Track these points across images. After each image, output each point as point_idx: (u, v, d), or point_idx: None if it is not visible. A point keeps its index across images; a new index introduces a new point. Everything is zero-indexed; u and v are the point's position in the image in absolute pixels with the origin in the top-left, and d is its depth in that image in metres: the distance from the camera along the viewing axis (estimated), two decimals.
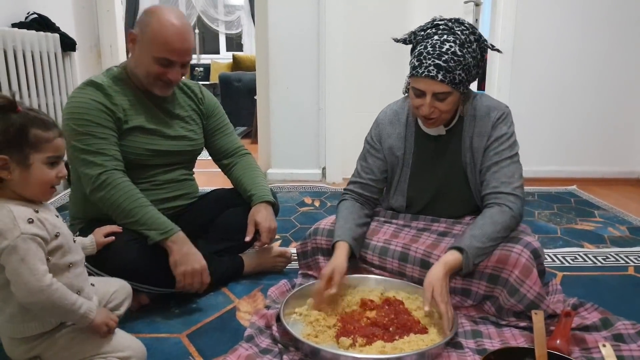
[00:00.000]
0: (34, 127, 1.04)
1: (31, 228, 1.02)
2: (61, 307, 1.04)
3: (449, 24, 1.42)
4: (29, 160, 1.04)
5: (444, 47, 1.37)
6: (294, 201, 2.85)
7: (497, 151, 1.49)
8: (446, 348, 1.29)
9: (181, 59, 1.51)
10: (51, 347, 1.11)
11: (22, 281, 1.00)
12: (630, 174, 3.42)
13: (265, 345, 1.33)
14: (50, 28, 2.85)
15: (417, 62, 1.40)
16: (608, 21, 3.19)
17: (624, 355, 1.25)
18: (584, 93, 3.29)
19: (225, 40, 7.84)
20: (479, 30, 1.44)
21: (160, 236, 1.45)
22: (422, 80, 1.39)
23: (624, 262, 1.96)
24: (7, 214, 1.01)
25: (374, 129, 1.65)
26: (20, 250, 1.00)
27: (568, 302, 1.52)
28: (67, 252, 1.11)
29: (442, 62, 1.36)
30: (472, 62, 1.41)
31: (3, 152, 1.01)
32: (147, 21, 1.49)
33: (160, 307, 1.52)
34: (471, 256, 1.36)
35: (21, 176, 1.04)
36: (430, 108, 1.42)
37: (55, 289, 1.03)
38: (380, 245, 1.59)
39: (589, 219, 2.55)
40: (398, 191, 1.64)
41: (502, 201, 1.44)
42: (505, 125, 1.50)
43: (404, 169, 1.61)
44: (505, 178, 1.47)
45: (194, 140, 1.72)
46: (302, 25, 3.16)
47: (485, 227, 1.40)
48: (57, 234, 1.08)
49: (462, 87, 1.41)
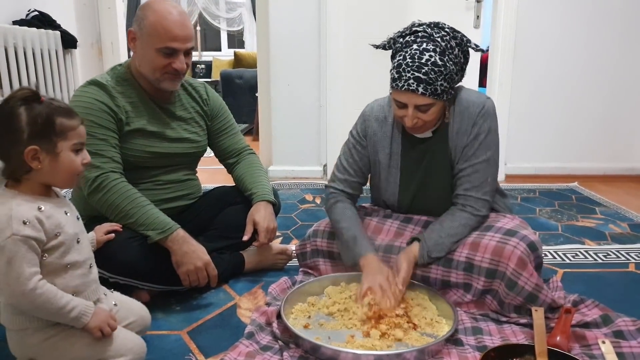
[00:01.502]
0: (59, 116, 1.05)
1: (24, 229, 1.00)
2: (47, 310, 1.03)
3: (428, 30, 1.35)
4: (57, 148, 1.05)
5: (424, 57, 1.31)
6: (295, 198, 2.85)
7: (473, 152, 1.46)
8: (446, 344, 1.30)
9: (183, 46, 1.50)
10: (50, 350, 1.10)
11: (5, 282, 1.00)
12: (632, 171, 3.41)
13: (266, 342, 1.33)
14: (51, 25, 2.85)
15: (396, 74, 1.35)
16: (610, 17, 3.18)
17: (624, 352, 1.24)
18: (586, 90, 3.28)
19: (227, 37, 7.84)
20: (460, 33, 1.38)
21: (159, 235, 1.46)
22: (403, 94, 1.34)
23: (625, 259, 1.95)
24: (5, 212, 1.01)
25: (360, 124, 1.59)
26: (8, 252, 0.99)
27: (568, 298, 1.52)
28: (67, 252, 1.09)
29: (422, 75, 1.30)
30: (454, 69, 1.35)
31: (32, 142, 1.02)
32: (143, 15, 1.49)
33: (160, 304, 1.52)
34: (427, 247, 1.44)
35: (50, 165, 1.05)
36: (413, 119, 1.38)
37: (40, 294, 1.01)
38: (385, 244, 1.58)
39: (590, 215, 2.55)
40: (389, 191, 1.61)
41: (470, 203, 1.47)
42: (486, 122, 1.45)
43: (392, 170, 1.57)
44: (477, 182, 1.46)
45: (197, 143, 1.71)
46: (303, 22, 3.15)
47: (444, 222, 1.47)
48: (57, 234, 1.06)
49: (445, 95, 1.36)
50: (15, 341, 1.11)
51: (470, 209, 1.47)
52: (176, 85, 1.58)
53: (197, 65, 7.11)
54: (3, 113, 1.02)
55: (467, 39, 1.38)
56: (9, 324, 1.10)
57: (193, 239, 1.51)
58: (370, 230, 1.62)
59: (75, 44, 2.99)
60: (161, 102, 1.62)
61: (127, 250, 1.42)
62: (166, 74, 1.52)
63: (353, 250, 1.50)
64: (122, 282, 1.44)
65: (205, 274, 1.50)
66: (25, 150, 1.02)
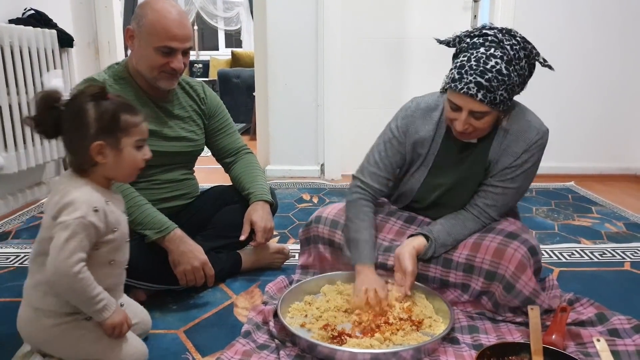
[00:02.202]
0: (124, 113, 1.10)
1: (92, 216, 1.05)
2: (80, 296, 1.06)
3: (499, 36, 1.29)
4: (120, 144, 1.10)
5: (489, 63, 1.25)
6: (292, 197, 2.85)
7: (513, 176, 1.42)
8: (442, 343, 1.30)
9: (182, 45, 1.50)
10: (59, 337, 1.11)
11: (55, 258, 1.03)
12: (628, 170, 3.42)
13: (263, 341, 1.33)
14: (47, 24, 2.83)
15: (457, 74, 1.28)
16: (606, 17, 3.19)
17: (619, 350, 1.25)
18: (583, 89, 3.29)
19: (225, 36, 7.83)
20: (531, 44, 1.31)
21: (156, 235, 1.46)
22: (460, 96, 1.29)
23: (621, 258, 1.96)
24: (83, 194, 1.06)
25: (402, 120, 1.50)
26: (71, 231, 1.03)
27: (564, 297, 1.53)
28: (116, 250, 1.14)
29: (484, 81, 1.25)
30: (517, 80, 1.29)
31: (99, 137, 1.07)
32: (142, 14, 1.48)
33: (157, 303, 1.52)
34: (434, 247, 1.43)
35: (114, 160, 1.10)
36: (464, 125, 1.32)
37: (80, 279, 1.04)
38: (386, 244, 1.57)
39: (587, 215, 2.56)
40: (408, 185, 1.57)
41: (483, 219, 1.47)
42: (538, 153, 1.41)
43: (421, 168, 1.52)
44: (500, 204, 1.46)
45: (194, 142, 1.71)
46: (301, 22, 3.15)
47: (456, 227, 1.46)
48: (114, 229, 1.11)
49: (503, 106, 1.31)
50: (29, 319, 1.12)
51: (481, 223, 1.48)
52: (173, 84, 1.58)
53: (195, 65, 7.10)
54: (72, 109, 1.07)
55: (536, 52, 1.33)
56: (30, 299, 1.12)
57: (190, 239, 1.51)
58: (392, 234, 1.60)
59: (71, 43, 2.97)
60: (159, 100, 1.62)
61: None
62: (163, 72, 1.52)
63: (354, 252, 1.49)
64: None
65: (202, 274, 1.51)
66: (92, 145, 1.07)
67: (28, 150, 2.55)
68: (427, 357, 1.25)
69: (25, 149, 2.54)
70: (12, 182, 2.58)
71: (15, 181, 2.61)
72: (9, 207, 2.55)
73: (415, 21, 3.24)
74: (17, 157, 2.46)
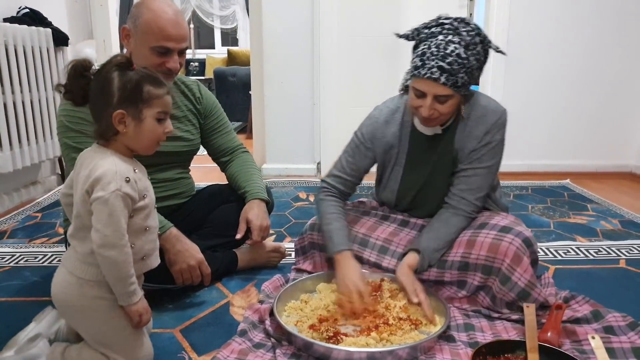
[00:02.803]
0: (147, 84, 1.11)
1: (126, 187, 1.07)
2: (119, 271, 1.07)
3: (455, 24, 1.37)
4: (142, 114, 1.11)
5: (449, 48, 1.32)
6: (288, 196, 2.85)
7: (479, 156, 1.48)
8: (438, 341, 1.30)
9: (178, 46, 1.50)
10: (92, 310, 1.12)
11: (103, 232, 1.05)
12: (623, 168, 3.43)
13: (259, 339, 1.33)
14: (42, 22, 2.83)
15: (419, 62, 1.35)
16: (601, 15, 3.20)
17: (614, 347, 1.25)
18: (578, 87, 3.30)
19: (221, 34, 7.81)
20: (484, 32, 1.40)
21: None
22: (424, 82, 1.35)
23: (616, 255, 1.97)
24: (111, 166, 1.07)
25: (367, 127, 1.59)
26: (111, 205, 1.04)
27: (560, 295, 1.53)
28: (149, 216, 1.15)
29: (445, 65, 1.31)
30: (475, 64, 1.37)
31: (121, 106, 1.08)
32: (138, 13, 1.48)
33: (153, 302, 1.50)
34: (427, 257, 1.45)
35: (135, 130, 1.11)
36: (430, 110, 1.37)
37: (126, 252, 1.07)
38: (380, 244, 1.60)
39: (582, 212, 2.57)
40: (388, 188, 1.63)
41: (462, 206, 1.49)
42: (499, 132, 1.47)
43: (396, 168, 1.59)
44: (475, 186, 1.49)
45: (190, 141, 1.71)
46: (297, 20, 3.15)
47: (441, 229, 1.48)
48: (144, 196, 1.13)
49: (464, 89, 1.38)
50: (70, 284, 1.12)
51: (462, 212, 1.49)
52: (168, 84, 1.57)
53: (191, 63, 7.08)
54: (99, 77, 1.09)
55: (489, 40, 1.40)
56: (77, 271, 1.12)
57: (186, 238, 1.51)
58: (365, 227, 1.63)
59: (66, 42, 2.97)
60: None
61: None
62: (159, 72, 1.51)
63: (329, 243, 1.52)
64: None
65: (199, 273, 1.51)
66: (114, 113, 1.08)
67: (23, 149, 2.54)
68: (423, 355, 1.25)
69: (21, 148, 2.53)
70: (7, 181, 2.57)
71: (10, 180, 2.60)
72: (4, 206, 2.55)
73: (411, 19, 3.23)
74: (12, 156, 2.45)
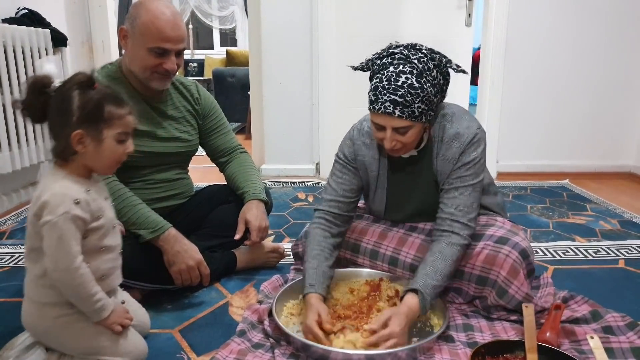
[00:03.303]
0: (109, 103, 1.09)
1: (75, 209, 1.05)
2: (80, 292, 1.07)
3: (405, 52, 1.31)
4: (102, 135, 1.09)
5: (400, 79, 1.27)
6: (287, 196, 2.85)
7: (460, 176, 1.41)
8: (437, 341, 1.30)
9: (175, 47, 1.50)
10: (61, 328, 1.12)
11: (54, 257, 1.05)
12: (622, 168, 3.43)
13: (257, 340, 1.33)
14: (40, 23, 2.82)
15: (373, 96, 1.30)
16: (601, 15, 3.20)
17: (613, 347, 1.26)
18: (577, 87, 3.30)
19: (219, 35, 7.81)
20: (439, 54, 1.33)
21: (151, 235, 1.46)
22: (380, 116, 1.31)
23: (615, 256, 1.97)
24: (60, 189, 1.06)
25: (348, 147, 1.54)
26: (59, 229, 1.03)
27: (558, 295, 1.53)
28: (105, 236, 1.14)
29: (398, 98, 1.26)
30: (432, 90, 1.30)
31: (80, 126, 1.06)
32: (136, 14, 1.48)
33: (152, 303, 1.51)
34: (427, 296, 1.31)
35: (94, 151, 1.09)
36: (391, 142, 1.33)
37: (81, 274, 1.06)
38: (370, 248, 1.58)
39: (581, 212, 2.57)
40: (374, 207, 1.61)
41: (455, 230, 1.38)
42: (475, 151, 1.41)
43: (378, 191, 1.56)
44: (464, 207, 1.40)
45: (188, 142, 1.71)
46: (295, 20, 3.15)
47: (436, 263, 1.35)
48: (99, 217, 1.11)
49: (424, 117, 1.31)
50: (32, 313, 1.14)
51: (456, 238, 1.38)
52: (166, 85, 1.58)
53: (190, 64, 7.08)
54: (59, 95, 1.07)
55: (446, 60, 1.33)
56: (33, 295, 1.13)
57: (185, 238, 1.51)
58: (375, 236, 1.60)
59: (65, 43, 2.96)
60: (152, 100, 1.61)
61: None
62: (156, 73, 1.52)
63: (303, 282, 1.42)
64: None
65: (198, 273, 1.51)
66: (73, 134, 1.06)
67: (22, 150, 2.54)
68: (423, 355, 1.25)
69: (20, 148, 2.53)
70: (6, 182, 2.57)
71: (9, 181, 2.60)
72: (4, 207, 2.54)
73: (410, 19, 3.24)
74: (11, 157, 2.45)
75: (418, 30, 3.21)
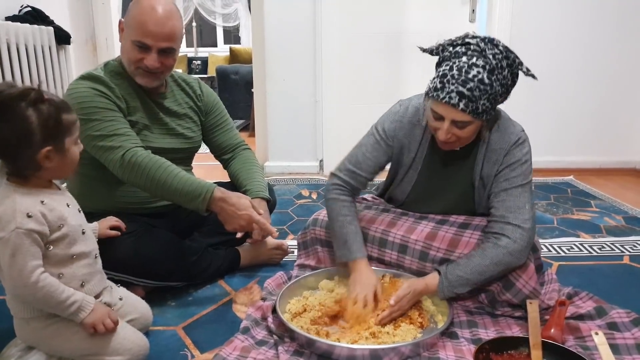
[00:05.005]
0: (63, 113, 1.06)
1: (28, 223, 1.01)
2: (48, 302, 1.05)
3: (481, 45, 1.26)
4: (65, 145, 1.07)
5: (471, 72, 1.22)
6: (291, 194, 2.85)
7: (507, 177, 1.38)
8: (441, 338, 1.30)
9: (156, 44, 1.47)
10: (50, 338, 1.12)
11: (8, 275, 1.03)
12: (627, 164, 3.42)
13: (261, 336, 1.33)
14: (44, 21, 2.83)
15: (439, 84, 1.25)
16: (606, 11, 3.18)
17: (618, 344, 1.25)
18: (582, 83, 3.29)
19: (223, 33, 7.81)
20: (513, 54, 1.29)
21: (202, 205, 1.44)
22: (442, 106, 1.26)
23: (620, 252, 1.96)
24: (10, 205, 1.02)
25: (390, 123, 1.48)
26: (12, 245, 1.00)
27: (563, 291, 1.53)
28: (73, 244, 1.10)
29: (465, 90, 1.22)
30: (500, 90, 1.27)
31: (46, 144, 1.03)
32: (131, 7, 1.49)
33: (155, 299, 1.52)
34: (448, 281, 1.32)
35: (60, 162, 1.07)
36: (447, 134, 1.29)
37: (41, 287, 1.03)
38: (379, 236, 1.55)
39: (586, 209, 2.56)
40: (399, 188, 1.57)
41: (506, 232, 1.33)
42: (520, 152, 1.39)
43: (410, 172, 1.51)
44: (515, 208, 1.35)
45: (190, 138, 1.70)
46: (298, 17, 3.14)
47: (473, 258, 1.34)
48: (60, 225, 1.08)
49: (486, 115, 1.27)
50: (22, 328, 1.14)
51: (505, 241, 1.32)
52: (152, 83, 1.55)
53: (193, 61, 7.10)
54: (12, 116, 1.00)
55: (519, 61, 1.30)
56: (17, 311, 1.12)
57: (232, 195, 1.47)
58: (383, 224, 1.56)
59: (69, 40, 2.97)
60: (154, 96, 1.61)
61: (121, 247, 1.41)
62: (139, 69, 1.51)
63: (343, 250, 1.46)
64: (117, 277, 1.43)
65: (253, 227, 1.49)
66: (41, 152, 1.02)
67: None
68: (426, 352, 1.25)
69: None
70: None
71: None
72: None
73: (413, 16, 3.23)
74: None
75: (422, 26, 3.20)
